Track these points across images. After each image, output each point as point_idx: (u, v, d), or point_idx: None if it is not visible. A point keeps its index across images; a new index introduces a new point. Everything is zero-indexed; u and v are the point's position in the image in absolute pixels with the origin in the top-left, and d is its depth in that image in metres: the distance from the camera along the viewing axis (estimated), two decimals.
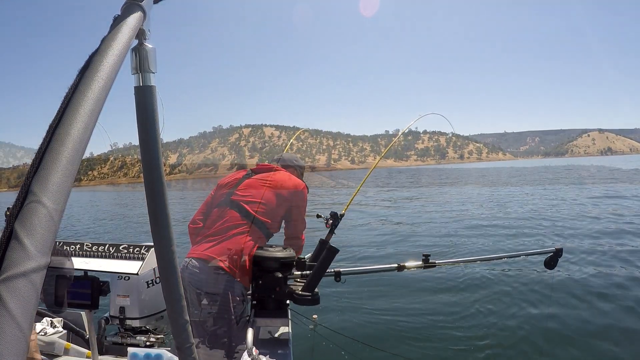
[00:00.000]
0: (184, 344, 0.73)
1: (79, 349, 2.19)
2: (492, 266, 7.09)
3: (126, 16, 0.54)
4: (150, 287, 2.31)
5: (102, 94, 0.46)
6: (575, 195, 18.79)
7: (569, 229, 10.20)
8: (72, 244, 2.33)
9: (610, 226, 10.09)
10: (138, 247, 2.29)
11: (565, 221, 11.32)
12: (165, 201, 0.66)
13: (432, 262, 2.62)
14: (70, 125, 0.42)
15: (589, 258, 7.31)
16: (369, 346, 3.57)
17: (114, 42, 0.50)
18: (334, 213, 2.82)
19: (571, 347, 3.98)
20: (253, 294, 2.35)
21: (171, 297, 0.70)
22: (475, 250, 9.30)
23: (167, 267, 0.68)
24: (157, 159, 0.65)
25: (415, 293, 5.76)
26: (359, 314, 4.94)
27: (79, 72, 0.49)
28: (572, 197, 18.18)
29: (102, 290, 2.02)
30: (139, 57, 0.63)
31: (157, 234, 0.66)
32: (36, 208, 0.37)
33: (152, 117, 0.64)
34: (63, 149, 0.40)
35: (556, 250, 2.88)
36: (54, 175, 0.39)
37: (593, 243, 8.41)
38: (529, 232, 10.36)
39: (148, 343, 2.27)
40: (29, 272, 0.35)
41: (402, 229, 12.18)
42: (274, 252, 2.34)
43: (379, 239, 10.43)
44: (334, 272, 2.50)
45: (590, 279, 6.34)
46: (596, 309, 4.98)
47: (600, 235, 9.05)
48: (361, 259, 8.11)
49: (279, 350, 2.14)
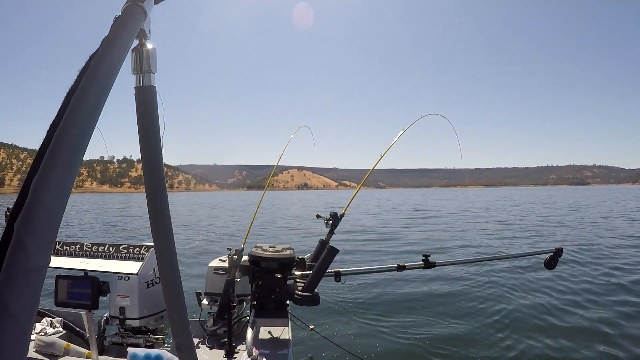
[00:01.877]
0: (184, 344, 0.73)
1: (79, 349, 2.19)
2: (492, 266, 7.10)
3: (127, 16, 0.54)
4: (150, 287, 2.31)
5: (102, 94, 0.46)
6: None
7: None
8: (72, 244, 2.33)
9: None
10: (138, 247, 2.29)
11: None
12: (166, 201, 0.66)
13: (432, 262, 2.62)
14: (70, 126, 0.42)
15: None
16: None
17: (115, 42, 0.50)
18: (334, 213, 2.82)
19: (571, 347, 3.97)
20: (253, 294, 2.35)
21: (171, 297, 0.70)
22: (475, 250, 9.30)
23: (167, 267, 0.68)
24: (157, 159, 0.65)
25: (415, 293, 5.75)
26: (358, 314, 4.93)
27: (79, 73, 0.49)
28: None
29: (102, 291, 2.02)
30: (140, 58, 0.63)
31: (157, 234, 0.66)
32: (36, 208, 0.37)
33: (152, 118, 0.64)
34: (63, 149, 0.40)
35: (556, 250, 2.89)
36: (54, 176, 0.39)
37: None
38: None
39: (148, 343, 2.27)
40: (29, 272, 0.35)
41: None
42: (274, 252, 2.34)
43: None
44: (334, 272, 2.50)
45: (591, 279, 6.34)
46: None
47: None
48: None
49: (279, 350, 2.14)
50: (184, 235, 13.51)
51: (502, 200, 42.41)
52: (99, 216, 25.59)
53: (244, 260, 2.39)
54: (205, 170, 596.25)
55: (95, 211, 31.90)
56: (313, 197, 78.52)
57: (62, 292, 1.98)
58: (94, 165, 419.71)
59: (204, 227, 17.06)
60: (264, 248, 2.40)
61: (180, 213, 27.93)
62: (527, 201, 39.21)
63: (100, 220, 21.80)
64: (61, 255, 2.31)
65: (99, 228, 17.68)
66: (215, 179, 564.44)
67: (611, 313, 4.85)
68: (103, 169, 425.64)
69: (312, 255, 2.74)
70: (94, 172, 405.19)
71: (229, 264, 2.30)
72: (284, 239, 12.84)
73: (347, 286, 5.64)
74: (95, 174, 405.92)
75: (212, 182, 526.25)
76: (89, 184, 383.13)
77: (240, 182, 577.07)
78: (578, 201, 37.39)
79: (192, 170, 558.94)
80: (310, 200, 60.79)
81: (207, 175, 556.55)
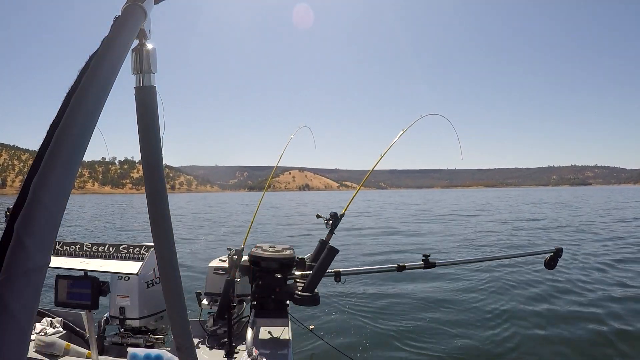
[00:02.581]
0: (184, 344, 0.73)
1: (79, 349, 2.19)
2: (492, 266, 7.09)
3: (127, 16, 0.54)
4: (150, 287, 2.31)
5: (102, 94, 0.46)
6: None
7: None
8: (72, 244, 2.33)
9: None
10: (138, 247, 2.29)
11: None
12: (166, 201, 0.66)
13: (432, 262, 2.62)
14: (70, 126, 0.42)
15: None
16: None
17: (115, 42, 0.50)
18: (334, 213, 2.81)
19: (571, 346, 3.97)
20: (253, 294, 2.35)
21: (171, 297, 0.70)
22: (475, 250, 9.29)
23: (167, 267, 0.68)
24: (157, 159, 0.65)
25: (415, 293, 5.75)
26: (358, 314, 4.93)
27: (79, 73, 0.49)
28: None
29: (102, 291, 2.02)
30: (140, 58, 0.63)
31: (157, 234, 0.66)
32: (36, 208, 0.37)
33: (152, 118, 0.64)
34: (63, 150, 0.40)
35: (556, 250, 2.88)
36: (54, 176, 0.39)
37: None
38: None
39: (148, 343, 2.27)
40: (29, 272, 0.35)
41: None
42: (274, 252, 2.34)
43: None
44: (334, 272, 2.50)
45: (593, 277, 6.34)
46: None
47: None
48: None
49: (279, 350, 2.14)
50: (186, 235, 13.51)
51: (506, 200, 42.17)
52: (106, 217, 25.73)
53: (244, 260, 2.39)
54: (207, 171, 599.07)
55: (102, 211, 32.04)
56: (317, 198, 78.36)
57: (62, 292, 1.98)
58: (95, 166, 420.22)
59: (205, 228, 17.08)
60: (264, 248, 2.39)
61: (180, 213, 28.04)
62: (527, 201, 39.24)
63: (104, 221, 21.85)
64: (61, 255, 2.31)
65: (103, 227, 17.71)
66: (216, 180, 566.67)
67: (611, 313, 4.85)
68: (104, 170, 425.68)
69: (312, 255, 2.74)
70: (96, 174, 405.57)
71: (229, 264, 2.30)
72: (284, 239, 12.85)
73: (347, 286, 5.64)
74: (97, 175, 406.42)
75: (213, 183, 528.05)
76: (91, 185, 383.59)
77: (241, 183, 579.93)
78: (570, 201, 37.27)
79: (193, 172, 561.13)
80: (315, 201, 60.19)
81: (209, 176, 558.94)
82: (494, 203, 36.81)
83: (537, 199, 47.16)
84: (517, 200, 39.06)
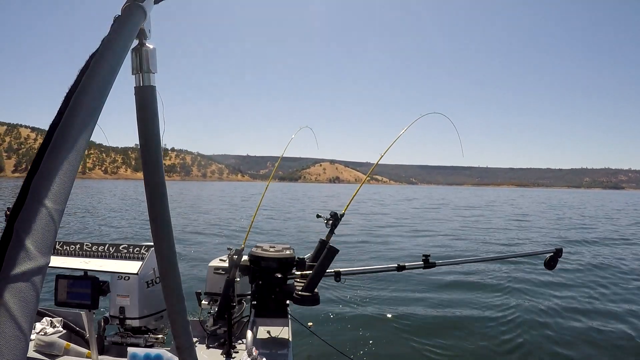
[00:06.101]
0: (184, 344, 0.73)
1: (79, 349, 2.19)
2: (491, 266, 7.10)
3: (126, 16, 0.54)
4: (150, 287, 2.31)
5: (102, 94, 0.46)
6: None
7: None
8: (72, 244, 2.33)
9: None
10: (138, 247, 2.28)
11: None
12: (166, 201, 0.66)
13: (432, 262, 2.61)
14: (70, 126, 0.42)
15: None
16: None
17: (115, 42, 0.50)
18: (334, 213, 2.81)
19: (571, 346, 3.97)
20: (253, 294, 2.35)
21: (171, 297, 0.70)
22: (475, 250, 9.29)
23: (167, 267, 0.68)
24: (157, 159, 0.65)
25: (415, 293, 5.75)
26: (358, 314, 4.93)
27: (79, 73, 0.49)
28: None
29: (102, 290, 2.02)
30: (140, 58, 0.63)
31: (157, 233, 0.66)
32: (36, 208, 0.37)
33: (152, 118, 0.64)
34: (63, 149, 0.40)
35: (556, 250, 2.88)
36: (54, 175, 0.39)
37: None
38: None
39: (148, 343, 2.27)
40: (29, 272, 0.34)
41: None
42: (274, 252, 2.34)
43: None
44: (334, 272, 2.49)
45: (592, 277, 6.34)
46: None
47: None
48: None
49: (279, 350, 2.14)
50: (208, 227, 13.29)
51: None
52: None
53: (244, 260, 2.38)
54: (239, 161, 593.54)
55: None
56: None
57: (62, 292, 1.98)
58: (128, 152, 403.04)
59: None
60: (264, 248, 2.39)
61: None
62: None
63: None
64: (61, 255, 2.31)
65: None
66: (247, 170, 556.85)
67: (611, 312, 4.85)
68: (137, 156, 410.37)
69: (312, 255, 2.74)
70: (129, 160, 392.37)
71: (229, 264, 2.30)
72: (284, 239, 12.83)
73: (347, 286, 5.64)
74: (130, 161, 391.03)
75: (244, 173, 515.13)
76: (124, 170, 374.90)
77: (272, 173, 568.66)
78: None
79: (225, 160, 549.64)
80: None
81: (240, 165, 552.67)
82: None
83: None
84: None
